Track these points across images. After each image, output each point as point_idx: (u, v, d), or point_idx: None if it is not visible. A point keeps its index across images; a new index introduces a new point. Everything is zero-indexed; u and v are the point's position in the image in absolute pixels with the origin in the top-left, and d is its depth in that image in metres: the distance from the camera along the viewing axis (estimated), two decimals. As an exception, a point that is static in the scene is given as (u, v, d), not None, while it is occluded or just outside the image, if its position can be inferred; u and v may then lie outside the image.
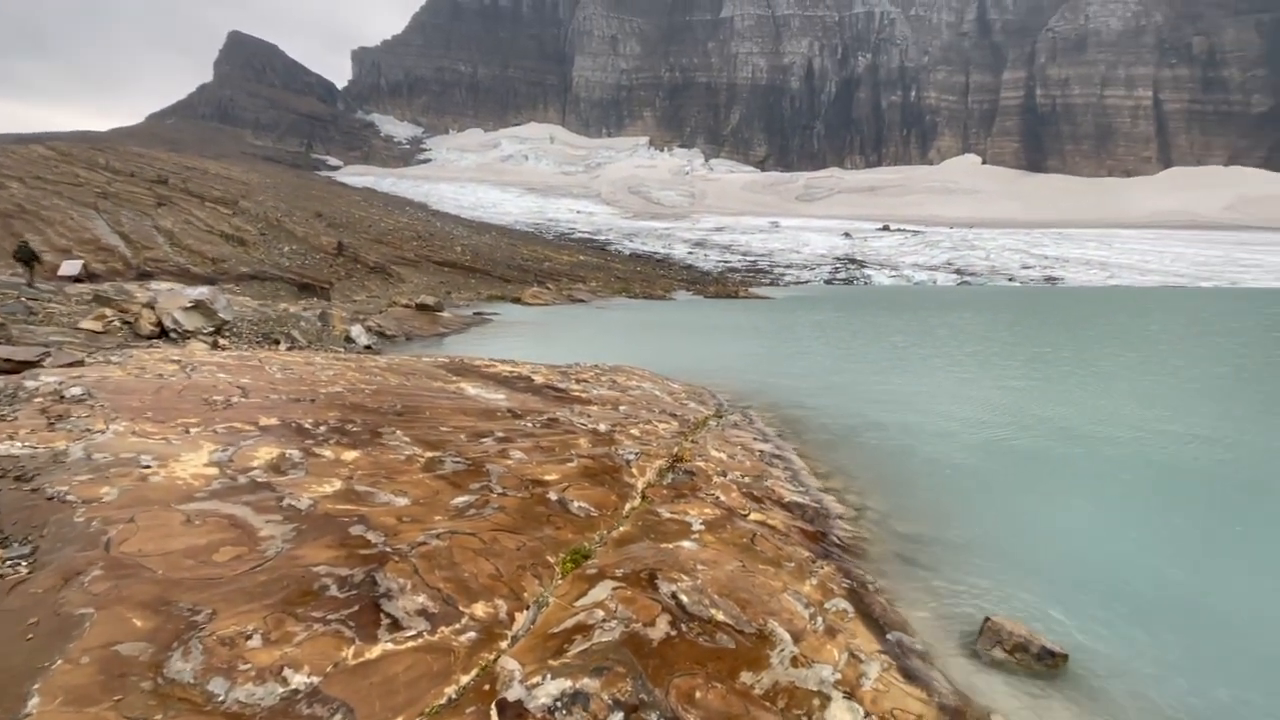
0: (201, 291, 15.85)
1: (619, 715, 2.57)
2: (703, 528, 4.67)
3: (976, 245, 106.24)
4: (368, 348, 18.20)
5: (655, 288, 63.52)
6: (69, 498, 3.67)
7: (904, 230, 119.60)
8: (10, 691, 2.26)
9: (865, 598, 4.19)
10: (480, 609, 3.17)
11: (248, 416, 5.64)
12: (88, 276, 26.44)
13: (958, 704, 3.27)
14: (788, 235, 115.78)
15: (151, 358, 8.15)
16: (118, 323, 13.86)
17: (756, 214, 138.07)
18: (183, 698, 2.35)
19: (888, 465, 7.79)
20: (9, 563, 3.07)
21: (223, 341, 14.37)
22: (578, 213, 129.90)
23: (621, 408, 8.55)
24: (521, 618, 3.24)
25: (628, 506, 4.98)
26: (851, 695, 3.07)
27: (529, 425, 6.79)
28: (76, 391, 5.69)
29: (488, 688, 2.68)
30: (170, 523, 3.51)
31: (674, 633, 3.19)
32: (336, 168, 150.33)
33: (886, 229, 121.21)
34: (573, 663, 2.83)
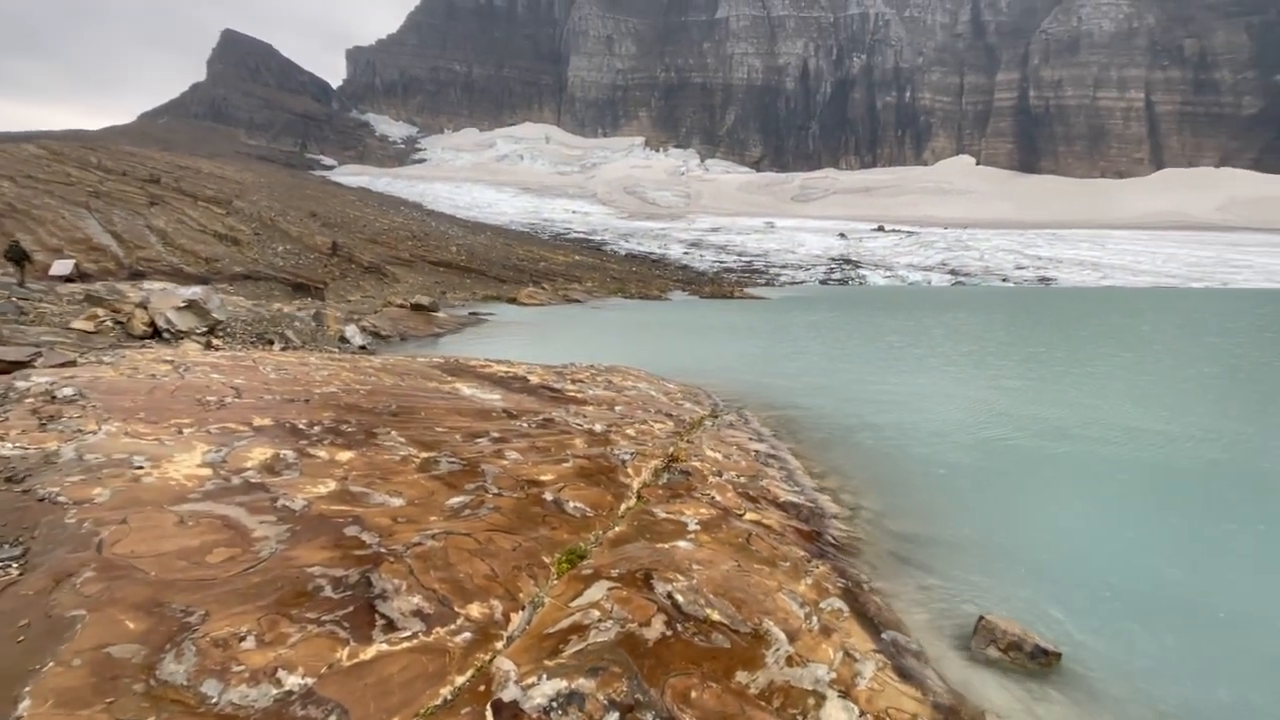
0: (195, 291, 15.76)
1: (614, 715, 2.57)
2: (698, 527, 4.66)
3: (971, 246, 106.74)
4: (362, 348, 18.15)
5: (651, 288, 63.55)
6: (60, 499, 3.64)
7: (899, 231, 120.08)
8: (1, 694, 2.24)
9: (860, 597, 4.19)
10: (475, 610, 3.16)
11: (241, 417, 5.61)
12: (79, 276, 26.29)
13: (952, 703, 3.27)
14: (783, 236, 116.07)
15: (144, 358, 8.09)
16: (110, 323, 13.77)
17: (752, 214, 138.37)
18: (175, 700, 2.33)
19: (883, 465, 7.81)
20: (-1, 565, 3.05)
21: (216, 342, 14.29)
22: (573, 213, 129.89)
23: (617, 408, 8.54)
24: (517, 618, 3.23)
25: (623, 507, 4.97)
26: (846, 694, 3.07)
27: (524, 425, 6.78)
28: (68, 392, 5.65)
29: (483, 688, 2.67)
30: (163, 524, 3.49)
31: (669, 633, 3.19)
32: (331, 167, 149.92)
33: (881, 229, 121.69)
34: (568, 663, 2.83)
